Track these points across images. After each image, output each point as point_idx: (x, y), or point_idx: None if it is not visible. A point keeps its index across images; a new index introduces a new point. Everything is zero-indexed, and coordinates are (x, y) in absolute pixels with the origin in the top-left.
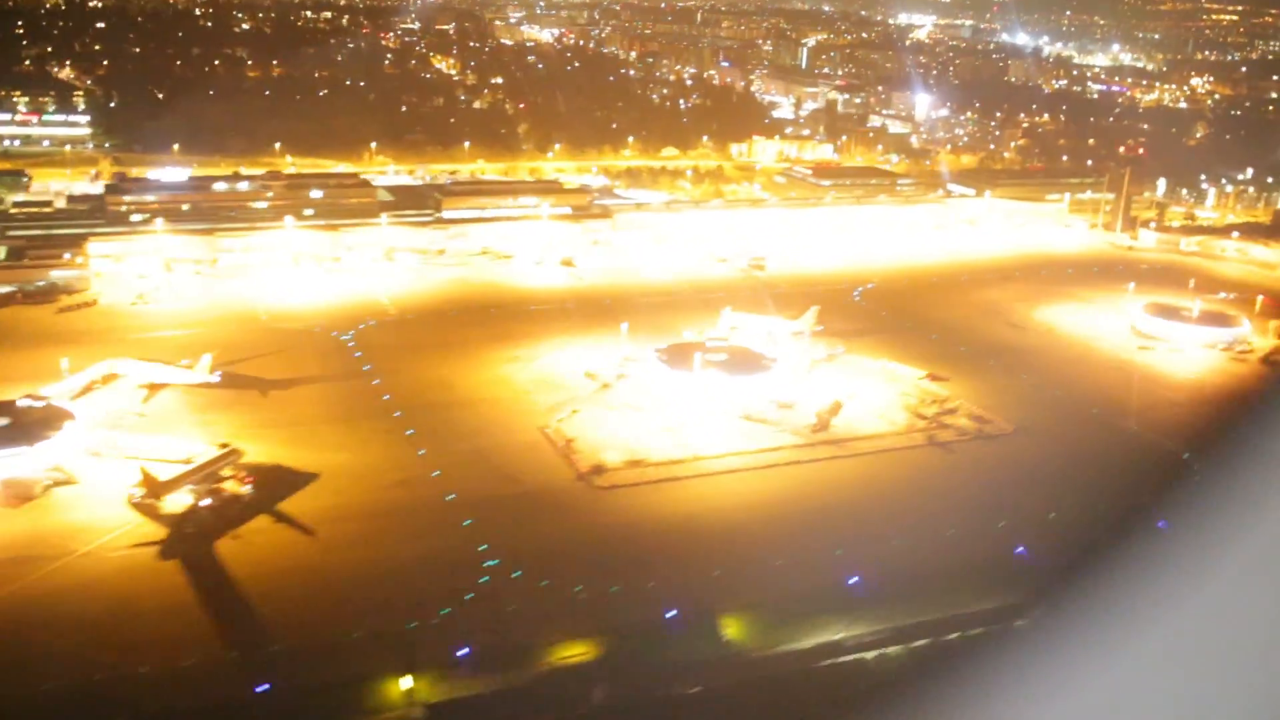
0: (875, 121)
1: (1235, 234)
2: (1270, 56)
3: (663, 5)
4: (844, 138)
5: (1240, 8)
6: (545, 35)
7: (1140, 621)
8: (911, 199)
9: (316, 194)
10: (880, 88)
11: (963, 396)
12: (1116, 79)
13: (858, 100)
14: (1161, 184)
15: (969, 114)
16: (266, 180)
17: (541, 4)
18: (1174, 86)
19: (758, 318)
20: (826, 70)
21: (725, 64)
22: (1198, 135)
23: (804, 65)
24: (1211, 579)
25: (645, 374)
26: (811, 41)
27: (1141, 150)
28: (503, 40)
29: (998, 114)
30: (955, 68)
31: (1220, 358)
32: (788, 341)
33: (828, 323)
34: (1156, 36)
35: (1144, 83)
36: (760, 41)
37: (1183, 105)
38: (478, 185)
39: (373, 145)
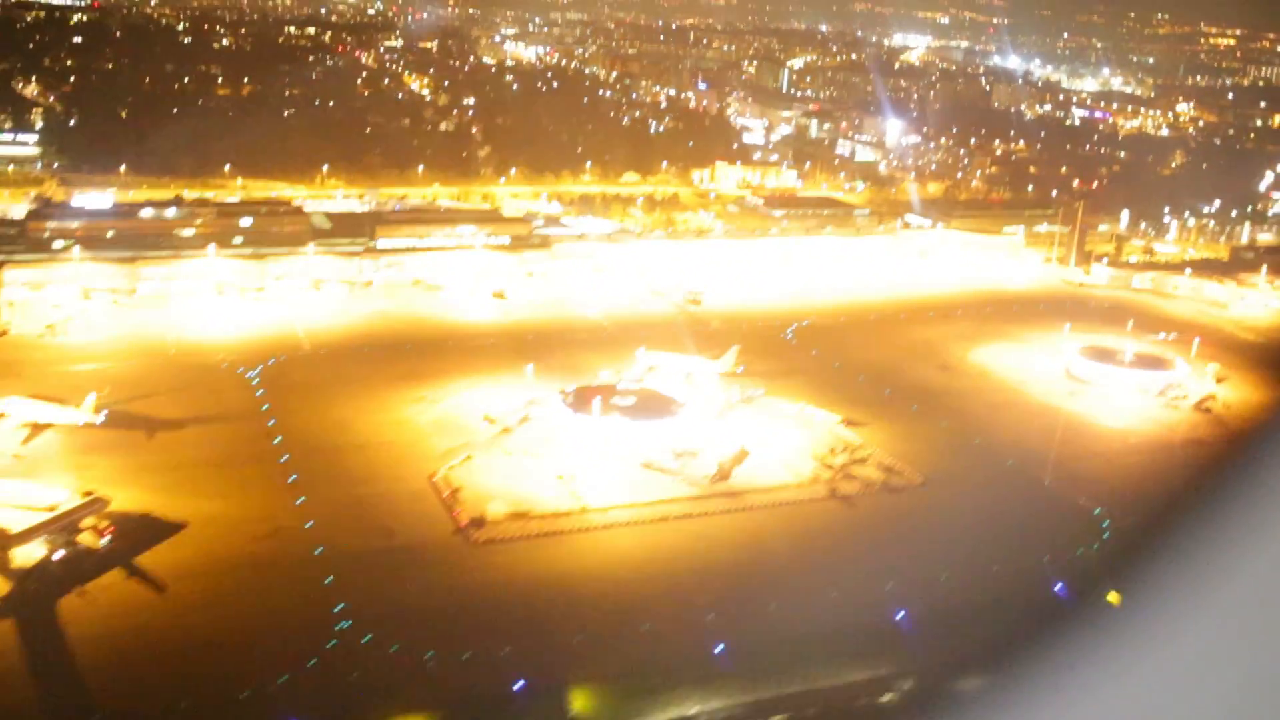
0: (844, 148)
1: (1188, 271)
2: (1261, 83)
3: (660, 23)
4: (807, 164)
5: (1239, 31)
6: (530, 54)
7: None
8: (863, 230)
9: (246, 221)
10: (854, 112)
11: (877, 444)
12: (1102, 104)
13: (825, 126)
14: (1124, 216)
15: (943, 140)
16: (195, 207)
17: (536, 20)
18: (1158, 113)
19: (678, 357)
20: (809, 93)
21: (702, 86)
22: (1174, 164)
23: (785, 88)
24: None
25: (548, 418)
26: (799, 63)
27: (1096, 184)
28: (484, 59)
29: (971, 140)
30: (936, 92)
31: (1153, 404)
32: (705, 383)
33: (753, 362)
34: (1151, 60)
35: (1129, 108)
36: (744, 62)
37: (1165, 132)
38: (415, 214)
39: (324, 168)
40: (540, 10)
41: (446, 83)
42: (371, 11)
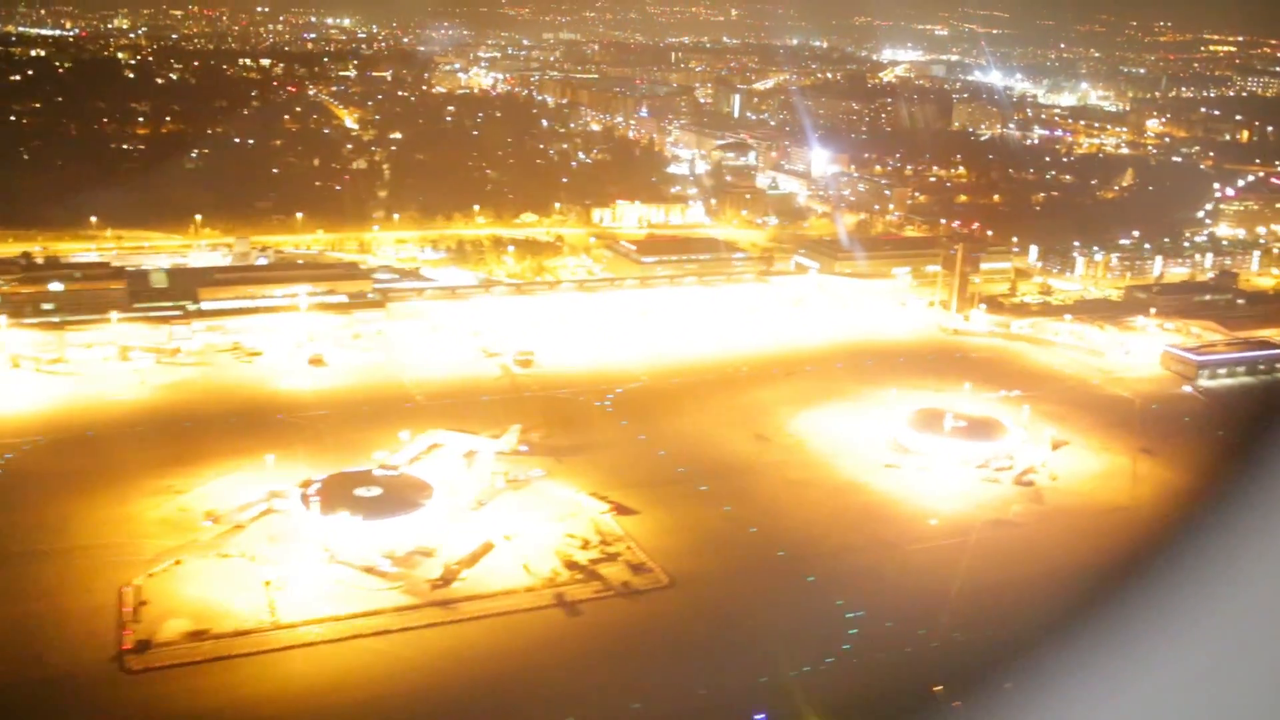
0: (765, 179)
1: (1067, 316)
2: (1245, 94)
3: (652, 41)
4: (713, 201)
5: (1240, 38)
6: (487, 81)
7: None
8: (733, 277)
9: (56, 286)
10: (785, 140)
11: (640, 536)
12: (1070, 120)
13: (740, 160)
14: (1033, 251)
15: (878, 168)
16: (3, 268)
17: (525, 42)
18: (1125, 130)
19: (461, 436)
20: (764, 116)
21: (643, 113)
22: (1121, 185)
23: (736, 113)
24: None
25: (287, 513)
26: (769, 83)
27: (976, 225)
28: (438, 88)
29: (908, 168)
30: (887, 114)
31: (973, 478)
32: (478, 466)
33: (556, 435)
34: (1142, 71)
35: (1097, 125)
36: (699, 86)
37: (1125, 150)
38: (245, 272)
39: (198, 217)
40: (534, 31)
41: (378, 116)
42: (362, 34)
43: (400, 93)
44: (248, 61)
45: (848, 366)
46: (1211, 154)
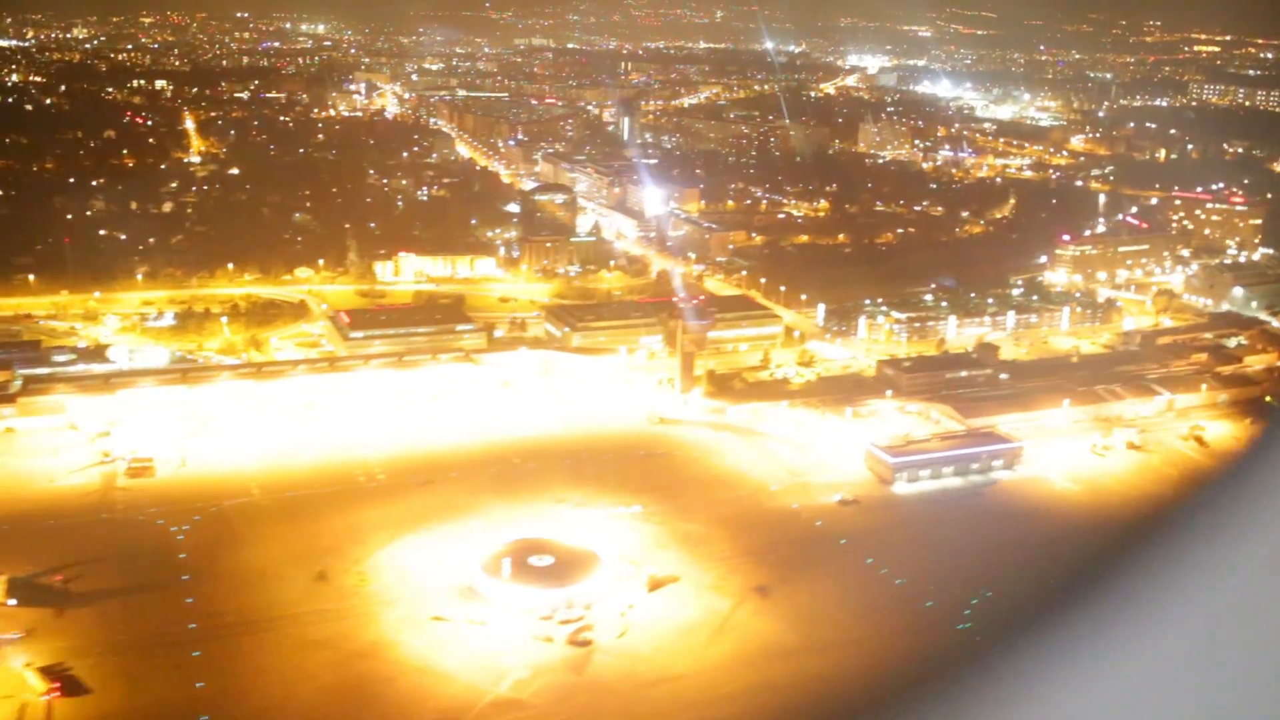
0: (587, 220)
1: (785, 403)
2: (1194, 103)
3: (622, 45)
4: (514, 251)
5: (1228, 37)
6: (392, 101)
7: None
8: (448, 355)
9: None
10: (629, 174)
11: None
12: (990, 138)
13: (559, 200)
14: (820, 310)
15: (729, 203)
16: None
17: (486, 50)
18: (1044, 147)
19: None
20: (650, 137)
21: (512, 142)
22: (986, 220)
23: (626, 136)
24: None
25: None
26: (697, 98)
27: (700, 298)
28: (327, 112)
29: (765, 201)
30: (777, 138)
31: (526, 635)
32: None
33: (94, 574)
34: (1108, 76)
35: (1015, 143)
36: (593, 105)
37: (1028, 173)
38: None
39: None
40: (511, 37)
41: (224, 150)
42: (329, 42)
43: (281, 117)
44: (141, 82)
45: (502, 472)
46: (1111, 178)
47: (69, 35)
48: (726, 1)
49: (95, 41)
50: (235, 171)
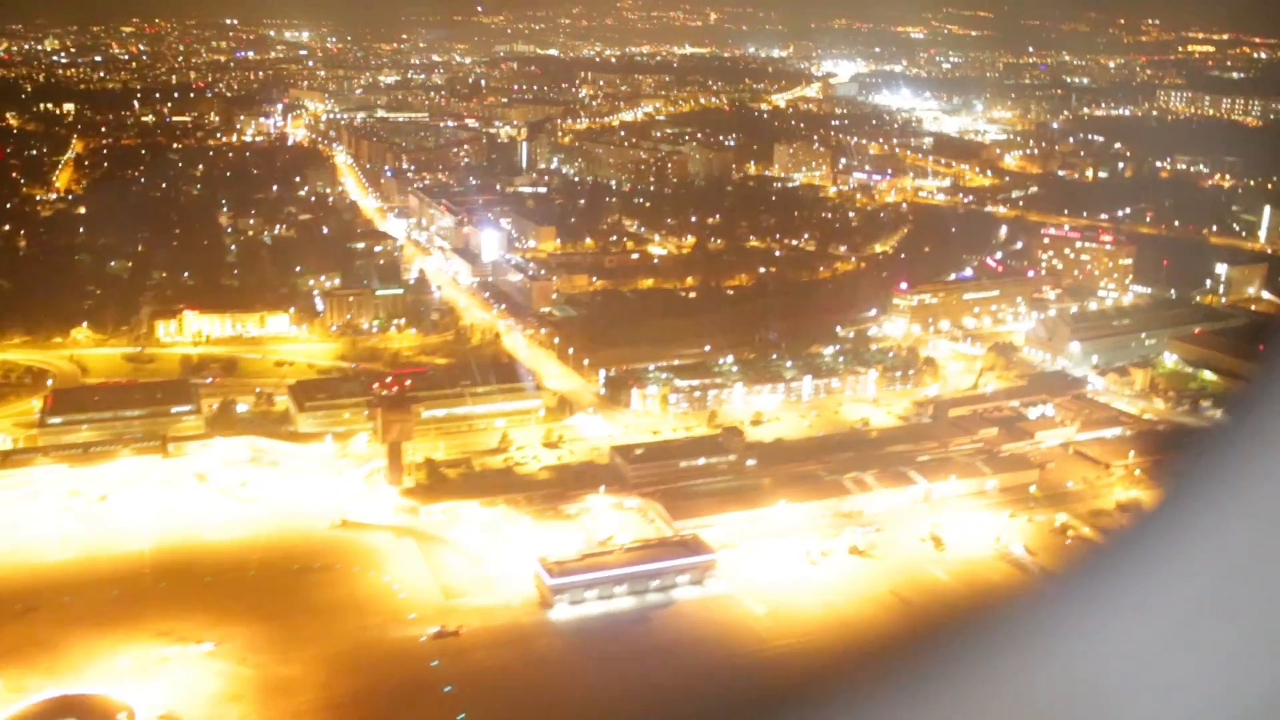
0: (435, 264)
1: (475, 504)
2: (1157, 112)
3: (609, 51)
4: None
5: (1225, 36)
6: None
7: None
8: (141, 446)
9: None
10: (481, 212)
11: None
12: (923, 157)
13: (378, 249)
14: (601, 376)
15: (588, 240)
16: None
17: (465, 58)
18: (970, 166)
19: None
20: (555, 163)
21: (390, 172)
22: (856, 257)
23: (525, 163)
24: None
25: None
26: (636, 114)
27: (410, 383)
28: (234, 137)
29: (625, 240)
30: (672, 165)
31: None
32: None
33: None
34: (1085, 81)
35: (944, 161)
36: (512, 124)
37: (941, 197)
38: None
39: None
40: (492, 44)
41: (85, 186)
42: (304, 51)
43: (175, 145)
44: (49, 105)
45: (124, 595)
46: (1021, 204)
47: (40, 47)
48: (721, 3)
49: (62, 54)
50: (82, 211)
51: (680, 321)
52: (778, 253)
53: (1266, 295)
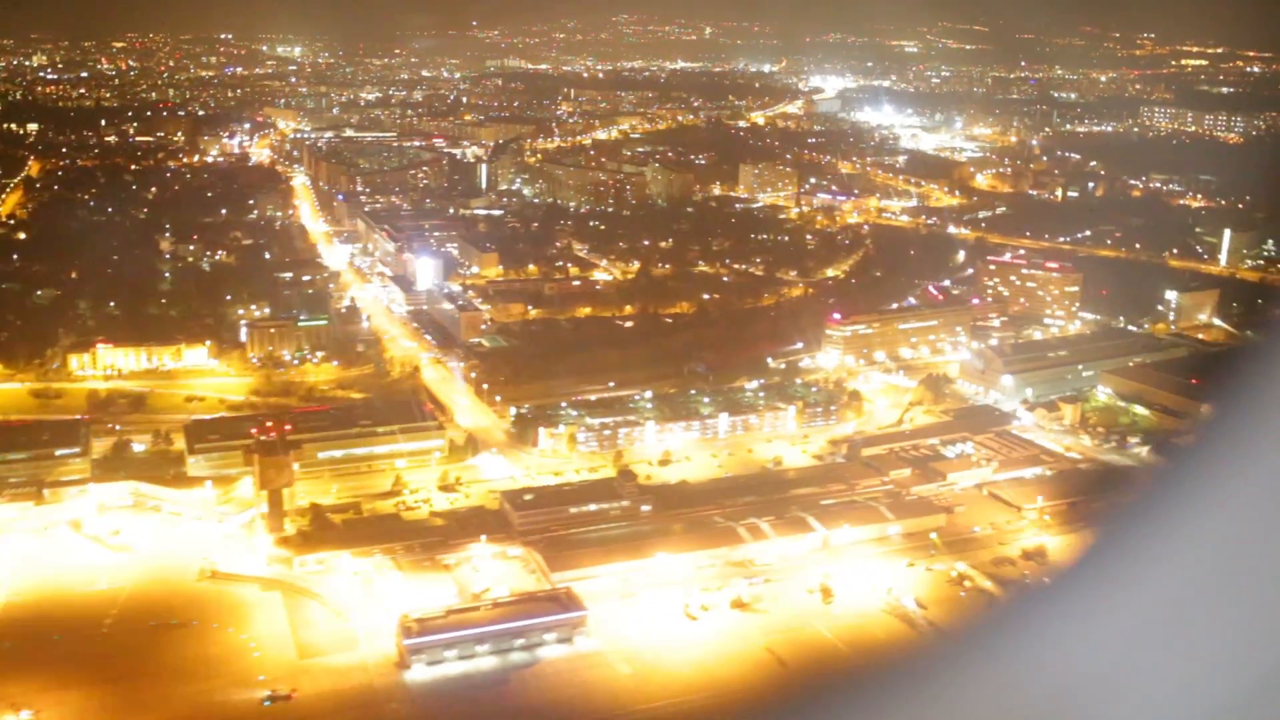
0: (371, 294)
1: (348, 553)
2: (1138, 128)
3: (601, 66)
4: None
5: (1219, 49)
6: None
7: None
8: (22, 490)
9: None
10: (428, 238)
11: None
12: (895, 176)
13: (308, 278)
14: (511, 415)
15: (531, 267)
16: None
17: (454, 75)
18: (939, 186)
19: None
20: (515, 185)
21: (340, 195)
22: (804, 282)
23: (484, 184)
24: None
25: None
26: (610, 132)
27: (285, 426)
28: (195, 158)
29: (568, 266)
30: (633, 186)
31: None
32: None
33: None
34: (1072, 96)
35: (914, 180)
36: (480, 144)
37: (904, 218)
38: None
39: None
40: (483, 59)
41: (30, 206)
42: (293, 66)
43: (133, 166)
44: (12, 125)
45: None
46: (984, 225)
47: (28, 63)
48: (717, 17)
49: (49, 70)
50: (22, 236)
51: (612, 353)
52: (725, 278)
53: (1218, 322)
